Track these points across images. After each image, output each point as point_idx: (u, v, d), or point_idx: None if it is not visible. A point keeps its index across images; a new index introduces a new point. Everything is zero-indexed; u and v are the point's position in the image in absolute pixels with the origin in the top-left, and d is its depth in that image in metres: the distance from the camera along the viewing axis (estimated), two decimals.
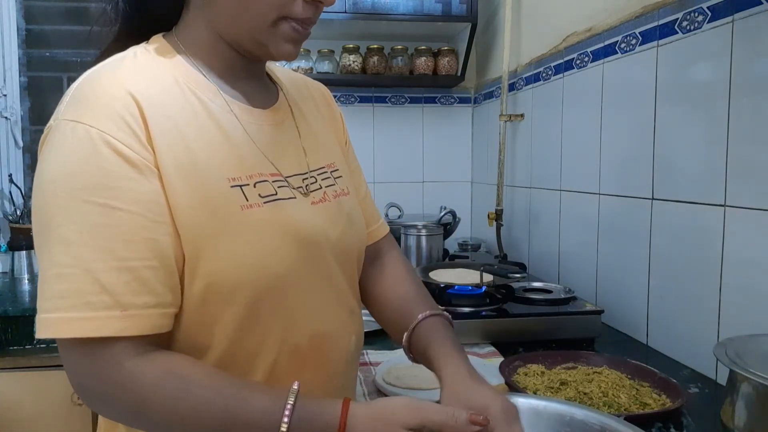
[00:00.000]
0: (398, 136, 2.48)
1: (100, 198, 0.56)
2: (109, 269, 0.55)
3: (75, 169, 0.56)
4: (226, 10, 0.64)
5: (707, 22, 1.06)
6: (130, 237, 0.56)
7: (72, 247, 0.55)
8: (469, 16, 2.11)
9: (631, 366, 1.02)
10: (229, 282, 0.61)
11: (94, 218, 0.55)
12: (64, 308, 0.54)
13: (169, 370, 0.57)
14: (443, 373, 0.69)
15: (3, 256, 2.14)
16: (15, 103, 2.27)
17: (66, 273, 0.55)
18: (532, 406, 0.76)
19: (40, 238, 0.57)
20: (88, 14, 2.36)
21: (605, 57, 1.42)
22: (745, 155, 0.98)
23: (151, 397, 0.56)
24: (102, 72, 0.62)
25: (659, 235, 1.22)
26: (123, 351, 0.56)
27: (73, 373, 0.58)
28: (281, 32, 0.65)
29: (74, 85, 0.61)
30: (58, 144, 0.57)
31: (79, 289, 0.54)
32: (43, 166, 0.58)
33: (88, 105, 0.58)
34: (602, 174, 1.44)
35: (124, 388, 0.56)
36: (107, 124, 0.57)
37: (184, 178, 0.60)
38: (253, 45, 0.67)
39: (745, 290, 0.98)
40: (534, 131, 1.88)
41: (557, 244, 1.70)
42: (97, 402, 0.59)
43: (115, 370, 0.56)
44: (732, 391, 0.75)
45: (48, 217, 0.56)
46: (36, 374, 1.65)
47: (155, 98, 0.61)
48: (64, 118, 0.58)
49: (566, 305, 1.32)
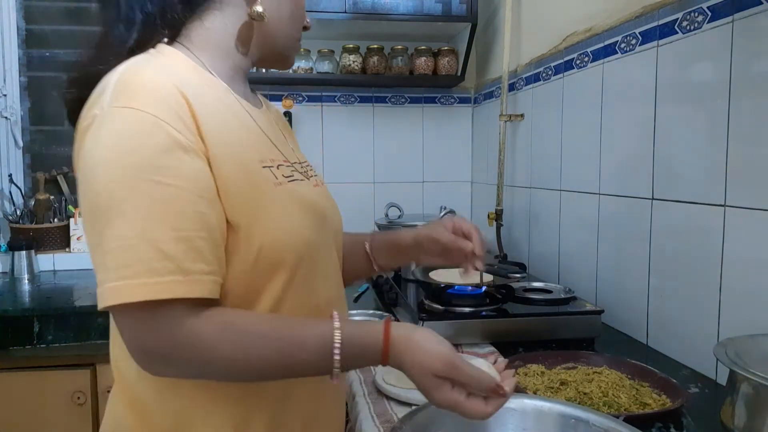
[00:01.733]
0: (398, 136, 2.48)
1: (154, 176, 0.60)
2: (168, 239, 0.60)
3: (130, 149, 0.61)
4: (277, 30, 0.78)
5: (707, 22, 1.06)
6: (182, 210, 0.61)
7: (133, 220, 0.59)
8: (469, 16, 2.11)
9: (631, 366, 1.02)
10: (278, 245, 0.68)
11: (150, 194, 0.60)
12: (130, 276, 0.58)
13: (225, 323, 0.63)
14: (415, 234, 0.90)
15: (3, 256, 2.14)
16: (15, 103, 2.27)
17: (129, 244, 0.59)
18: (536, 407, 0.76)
19: (97, 215, 0.61)
20: (88, 14, 2.36)
21: (605, 57, 1.42)
22: (745, 155, 0.98)
23: (214, 349, 0.62)
24: (141, 66, 0.66)
25: (659, 235, 1.22)
26: (185, 312, 0.61)
27: (137, 338, 0.61)
28: (296, 47, 0.83)
29: (113, 79, 0.65)
30: (111, 128, 0.61)
31: (143, 258, 0.59)
32: (96, 149, 0.62)
33: (137, 93, 0.63)
34: (602, 174, 1.44)
35: (188, 344, 0.61)
36: (157, 110, 0.62)
37: (227, 161, 0.66)
38: (277, 55, 0.81)
39: (745, 290, 0.99)
40: (534, 131, 1.88)
41: (557, 244, 1.70)
42: (162, 362, 0.62)
43: (178, 329, 0.60)
44: (732, 391, 0.75)
45: (106, 195, 0.60)
46: (36, 374, 1.65)
47: (193, 90, 0.67)
48: (114, 105, 0.62)
49: (566, 305, 1.32)
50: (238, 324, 0.64)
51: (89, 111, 0.64)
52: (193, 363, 0.62)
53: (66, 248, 2.24)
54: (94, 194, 0.61)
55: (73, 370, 1.66)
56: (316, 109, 2.42)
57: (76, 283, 2.01)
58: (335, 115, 2.43)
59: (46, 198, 2.23)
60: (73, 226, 2.22)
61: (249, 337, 0.64)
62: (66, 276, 2.12)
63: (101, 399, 1.68)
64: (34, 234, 2.16)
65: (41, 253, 2.18)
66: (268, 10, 0.75)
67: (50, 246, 2.21)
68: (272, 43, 0.79)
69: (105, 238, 0.60)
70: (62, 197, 2.30)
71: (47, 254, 2.19)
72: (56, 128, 2.35)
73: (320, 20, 2.05)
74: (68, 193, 2.32)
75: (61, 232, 2.24)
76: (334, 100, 2.43)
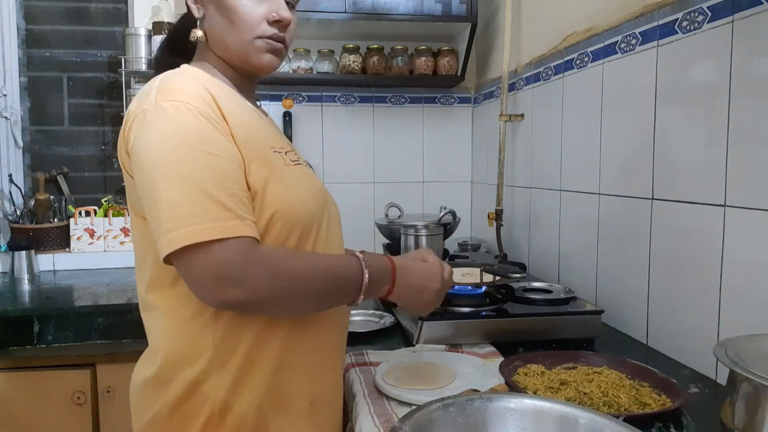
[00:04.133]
0: (398, 136, 2.48)
1: (204, 147, 0.76)
2: (223, 195, 0.74)
3: (182, 128, 0.76)
4: (220, 41, 0.90)
5: (707, 22, 1.06)
6: (228, 174, 0.76)
7: (194, 182, 0.73)
8: (469, 16, 2.11)
9: (631, 366, 1.02)
10: (288, 213, 0.82)
11: (205, 161, 0.75)
12: (200, 222, 0.72)
13: (282, 248, 0.82)
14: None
15: (3, 256, 2.14)
16: (15, 103, 2.27)
17: (194, 199, 0.73)
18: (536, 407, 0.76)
19: (159, 179, 0.74)
20: (88, 14, 2.36)
21: (605, 57, 1.42)
22: (745, 155, 0.98)
23: (279, 262, 0.77)
24: (175, 75, 0.84)
25: (659, 235, 1.22)
26: (249, 243, 0.74)
27: (209, 269, 0.72)
28: (258, 48, 0.89)
29: (155, 84, 0.82)
30: (163, 115, 0.77)
31: (209, 208, 0.73)
32: (154, 132, 0.76)
33: (179, 91, 0.79)
34: (602, 174, 1.44)
35: (261, 262, 0.74)
36: (197, 103, 0.78)
37: (246, 144, 0.82)
38: (242, 62, 0.91)
39: (745, 290, 0.99)
40: (534, 131, 1.88)
41: (557, 244, 1.70)
42: (237, 284, 0.73)
43: (248, 254, 0.74)
44: (732, 391, 0.75)
45: (168, 163, 0.74)
46: (36, 374, 1.65)
47: (217, 92, 0.83)
48: (162, 100, 0.78)
49: (566, 305, 1.32)
50: (289, 249, 0.82)
51: (139, 108, 0.79)
52: (268, 275, 0.74)
53: (66, 248, 2.24)
54: (156, 164, 0.74)
55: (73, 370, 1.66)
56: (316, 109, 2.42)
57: (76, 283, 2.01)
58: (335, 115, 2.43)
59: (46, 198, 2.23)
60: (73, 226, 2.22)
61: (302, 260, 0.80)
62: (66, 276, 2.12)
63: (101, 399, 1.68)
64: (34, 234, 2.16)
65: (41, 253, 2.18)
66: (210, 29, 0.90)
67: (50, 246, 2.21)
68: (226, 55, 0.91)
69: (171, 196, 0.73)
70: (62, 197, 2.30)
71: (47, 254, 2.20)
72: (56, 128, 2.35)
73: (320, 20, 2.05)
74: (68, 193, 2.32)
75: (61, 232, 2.24)
76: (334, 100, 2.43)
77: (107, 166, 2.40)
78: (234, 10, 0.87)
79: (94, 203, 2.29)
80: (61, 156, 2.36)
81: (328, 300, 0.84)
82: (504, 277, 1.38)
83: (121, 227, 2.26)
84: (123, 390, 1.66)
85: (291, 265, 0.78)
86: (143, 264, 0.87)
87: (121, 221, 2.26)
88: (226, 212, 0.73)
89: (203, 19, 0.91)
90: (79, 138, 2.37)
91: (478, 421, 0.75)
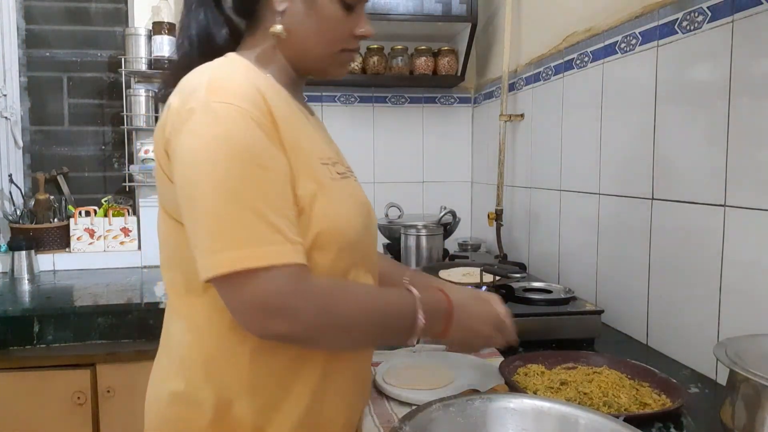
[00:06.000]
0: (398, 136, 2.48)
1: (256, 159, 0.69)
2: (275, 215, 0.68)
3: (233, 135, 0.68)
4: (302, 46, 0.84)
5: (707, 22, 1.06)
6: (280, 192, 0.71)
7: (244, 198, 0.67)
8: (469, 16, 2.11)
9: (631, 366, 1.02)
10: (333, 232, 0.76)
11: (255, 176, 0.68)
12: (248, 245, 0.66)
13: (332, 281, 0.76)
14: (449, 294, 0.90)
15: (3, 256, 2.14)
16: (15, 103, 2.27)
17: (243, 218, 0.67)
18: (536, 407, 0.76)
19: (205, 193, 0.67)
20: (88, 14, 2.36)
21: (605, 57, 1.42)
22: (745, 155, 0.98)
23: (330, 296, 0.71)
24: (226, 70, 0.76)
25: (659, 235, 1.22)
26: (300, 271, 0.69)
27: (254, 298, 0.67)
28: (340, 60, 0.86)
29: (204, 79, 0.73)
30: (213, 119, 0.69)
31: (258, 230, 0.67)
32: (200, 136, 0.69)
33: (231, 91, 0.71)
34: (602, 174, 1.44)
35: (310, 296, 0.69)
36: (249, 106, 0.71)
37: (296, 156, 0.75)
38: (314, 68, 0.87)
39: (745, 290, 0.99)
40: (534, 131, 1.88)
41: (557, 244, 1.70)
42: (283, 316, 0.68)
43: (296, 284, 0.68)
44: (732, 391, 0.75)
45: (217, 177, 0.67)
46: (36, 374, 1.65)
47: (270, 95, 0.76)
48: (213, 101, 0.70)
49: (566, 305, 1.31)
50: (341, 282, 0.76)
51: (184, 105, 0.71)
52: (316, 309, 0.69)
53: (66, 248, 2.24)
54: (202, 173, 0.68)
55: (73, 370, 1.66)
56: (316, 109, 2.42)
57: (76, 283, 2.01)
58: (335, 115, 2.43)
59: (46, 198, 2.23)
60: (73, 226, 2.22)
61: (353, 296, 0.75)
62: (66, 276, 2.12)
63: (101, 399, 1.68)
64: (34, 234, 2.16)
65: (41, 253, 2.18)
66: (291, 28, 0.82)
67: (50, 246, 2.21)
68: (300, 57, 0.85)
69: (218, 212, 0.67)
70: (62, 197, 2.30)
71: (47, 254, 2.20)
72: (56, 128, 2.35)
73: None
74: (68, 193, 2.32)
75: (61, 232, 2.24)
76: (334, 100, 2.43)
77: (107, 166, 2.40)
78: (327, 18, 0.82)
79: (94, 203, 2.29)
80: (61, 156, 2.36)
81: (376, 341, 0.80)
82: (504, 277, 1.38)
83: (121, 227, 2.26)
84: (123, 390, 1.67)
85: (341, 301, 0.72)
86: (172, 266, 0.81)
87: (121, 221, 2.26)
88: (277, 235, 0.68)
89: (283, 13, 0.82)
90: (79, 138, 2.37)
91: (478, 421, 0.75)
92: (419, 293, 0.79)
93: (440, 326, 0.82)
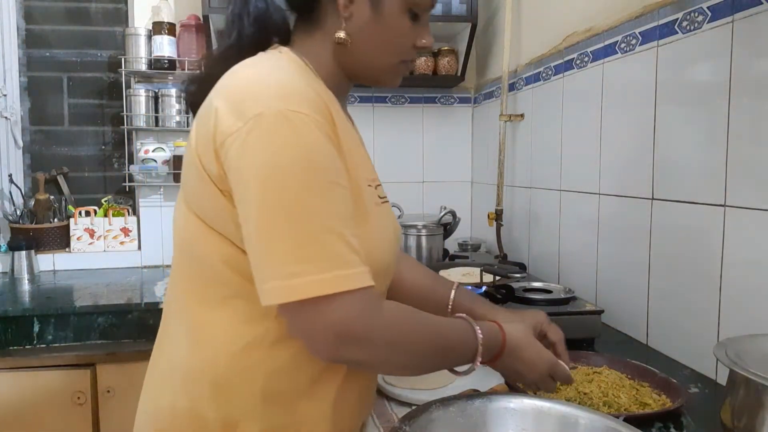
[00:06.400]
0: (398, 136, 2.48)
1: (330, 176, 0.65)
2: (350, 235, 0.65)
3: (311, 148, 0.64)
4: (363, 55, 0.79)
5: (707, 22, 1.06)
6: (351, 210, 0.67)
7: (324, 217, 0.63)
8: (469, 16, 2.11)
9: (631, 366, 1.02)
10: (368, 258, 0.69)
11: (333, 193, 0.65)
12: (329, 268, 0.62)
13: (406, 309, 0.72)
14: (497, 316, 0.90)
15: (3, 256, 2.14)
16: (15, 103, 2.27)
17: (324, 240, 0.62)
18: (536, 407, 0.76)
19: (284, 210, 0.62)
20: (88, 14, 2.36)
21: (605, 57, 1.42)
22: (745, 155, 0.98)
23: (403, 325, 0.70)
24: (285, 71, 0.71)
25: (659, 235, 1.22)
26: (373, 297, 0.66)
27: (334, 324, 0.63)
28: (397, 70, 0.82)
29: (270, 80, 0.68)
30: (288, 128, 0.63)
31: (339, 253, 0.63)
32: (275, 145, 0.63)
33: (302, 99, 0.66)
34: (602, 174, 1.44)
35: (386, 325, 0.67)
36: (321, 118, 0.66)
37: (351, 174, 0.71)
38: (370, 76, 0.82)
39: (745, 290, 0.98)
40: (534, 131, 1.88)
41: (557, 244, 1.70)
42: (360, 344, 0.65)
43: (378, 312, 0.66)
44: (732, 391, 0.75)
45: (296, 191, 0.62)
46: (36, 374, 1.65)
47: (332, 104, 0.71)
48: (285, 108, 0.64)
49: (566, 305, 1.31)
50: (408, 309, 0.72)
51: (252, 109, 0.64)
52: (390, 338, 0.67)
53: (66, 248, 2.24)
54: (277, 187, 0.62)
55: (73, 370, 1.66)
56: None
57: (76, 283, 2.01)
58: None
59: (46, 198, 2.23)
60: (73, 226, 2.22)
61: (421, 322, 0.72)
62: (66, 276, 2.12)
63: (101, 399, 1.68)
64: (34, 234, 2.16)
65: (41, 253, 2.18)
66: (354, 36, 0.77)
67: (50, 246, 2.21)
68: (358, 65, 0.80)
69: (298, 233, 0.62)
70: (62, 197, 2.30)
71: (47, 254, 2.20)
72: (56, 128, 2.35)
73: None
74: (68, 193, 2.32)
75: (61, 232, 2.24)
76: None
77: (107, 166, 2.40)
78: (393, 28, 0.78)
79: (94, 203, 2.29)
80: (61, 156, 2.36)
81: (432, 369, 0.78)
82: (504, 277, 1.38)
83: (121, 227, 2.26)
84: (123, 390, 1.67)
85: (412, 332, 0.70)
86: (191, 274, 0.75)
87: (121, 221, 2.26)
88: (354, 256, 0.64)
89: (348, 19, 0.77)
90: (79, 138, 2.37)
91: (478, 421, 0.75)
92: (479, 329, 0.77)
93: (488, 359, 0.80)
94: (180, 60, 2.18)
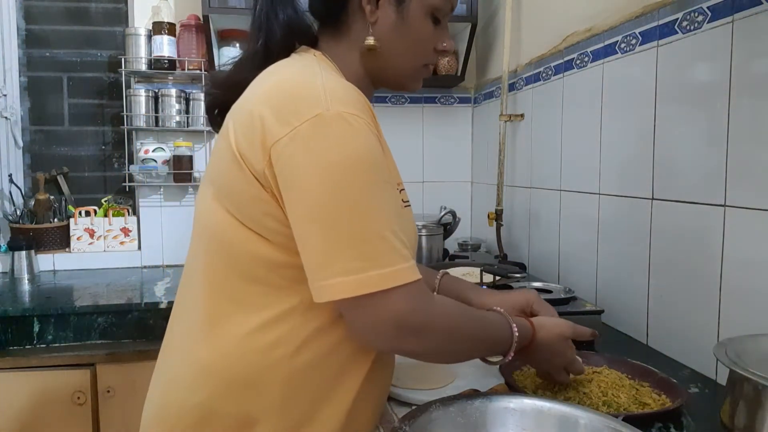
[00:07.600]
0: (398, 136, 2.48)
1: (384, 175, 0.68)
2: (401, 231, 0.68)
3: (370, 152, 0.67)
4: (388, 60, 0.82)
5: (707, 22, 1.06)
6: (398, 208, 0.72)
7: (384, 216, 0.66)
8: (469, 16, 2.11)
9: (631, 366, 1.02)
10: None
11: (388, 192, 0.69)
12: (390, 263, 0.65)
13: (444, 298, 0.76)
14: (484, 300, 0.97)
15: (3, 256, 2.14)
16: (15, 103, 2.27)
17: (385, 237, 0.65)
18: (536, 407, 0.76)
19: (349, 209, 0.65)
20: (88, 14, 2.36)
21: (605, 57, 1.42)
22: (745, 155, 0.98)
23: (456, 317, 0.74)
24: (328, 74, 0.72)
25: (659, 235, 1.22)
26: (425, 289, 0.70)
27: (394, 315, 0.66)
28: (420, 74, 0.86)
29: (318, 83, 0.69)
30: (349, 130, 0.66)
31: (396, 248, 0.66)
32: (339, 146, 0.65)
33: (354, 103, 0.68)
34: (602, 174, 1.44)
35: (442, 316, 0.71)
36: (369, 119, 0.69)
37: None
38: (393, 81, 0.86)
39: (745, 290, 0.99)
40: (534, 131, 1.88)
41: (557, 244, 1.70)
42: (417, 334, 0.69)
43: (432, 302, 0.71)
44: (732, 391, 0.75)
45: (360, 190, 0.65)
46: (36, 374, 1.65)
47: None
48: (343, 111, 0.66)
49: (566, 305, 1.31)
50: (454, 302, 0.77)
51: (307, 110, 0.65)
52: (446, 328, 0.71)
53: (66, 248, 2.24)
54: (343, 187, 0.64)
55: (73, 370, 1.66)
56: None
57: (76, 283, 2.01)
58: None
59: (46, 198, 2.23)
60: (73, 226, 2.22)
61: (466, 314, 0.76)
62: (66, 276, 2.12)
63: (101, 399, 1.68)
64: (34, 234, 2.16)
65: (41, 253, 2.18)
66: (383, 43, 0.80)
67: (50, 246, 2.21)
68: (384, 70, 0.84)
69: (361, 230, 0.64)
70: (62, 197, 2.30)
71: (47, 254, 2.20)
72: (56, 128, 2.35)
73: None
74: (68, 193, 2.32)
75: (61, 232, 2.24)
76: None
77: (107, 166, 2.40)
78: (418, 32, 0.80)
79: (94, 203, 2.29)
80: (61, 156, 2.36)
81: (474, 357, 0.82)
82: (504, 277, 1.38)
83: (121, 227, 2.26)
84: (123, 390, 1.67)
85: (462, 323, 0.74)
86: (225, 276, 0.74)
87: (121, 221, 2.26)
88: (407, 251, 0.68)
89: (374, 24, 0.79)
90: (79, 138, 2.37)
91: (478, 421, 0.75)
92: (515, 325, 0.81)
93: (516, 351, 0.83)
94: (180, 60, 2.18)
